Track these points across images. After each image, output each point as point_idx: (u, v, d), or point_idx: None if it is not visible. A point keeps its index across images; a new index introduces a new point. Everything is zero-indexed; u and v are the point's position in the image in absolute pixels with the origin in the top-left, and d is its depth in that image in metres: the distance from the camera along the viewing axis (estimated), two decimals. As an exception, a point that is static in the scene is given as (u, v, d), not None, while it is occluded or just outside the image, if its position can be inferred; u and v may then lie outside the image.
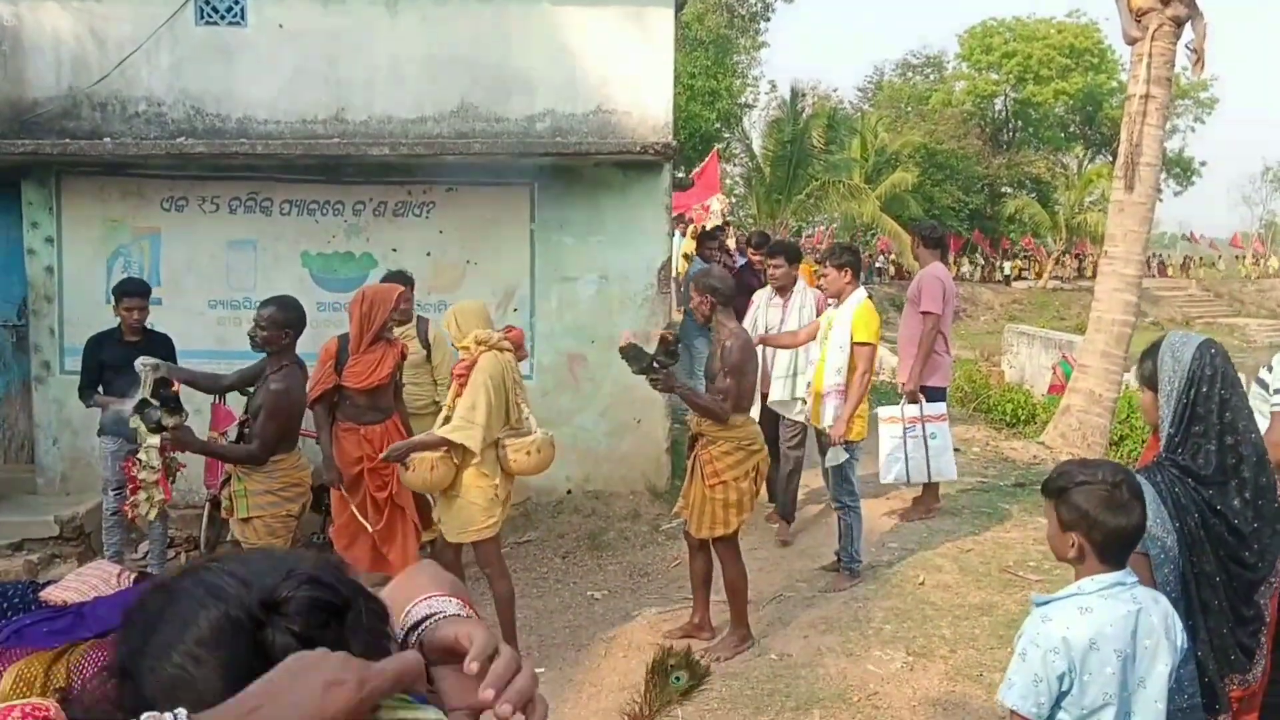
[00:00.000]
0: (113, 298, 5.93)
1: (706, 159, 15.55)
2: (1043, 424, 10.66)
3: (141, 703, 0.84)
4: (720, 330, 4.81)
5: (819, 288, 6.23)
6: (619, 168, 7.10)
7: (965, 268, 34.43)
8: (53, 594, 5.19)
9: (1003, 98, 42.74)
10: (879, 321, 5.51)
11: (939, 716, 4.28)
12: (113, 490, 5.99)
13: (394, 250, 7.05)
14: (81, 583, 5.15)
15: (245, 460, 4.54)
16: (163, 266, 7.10)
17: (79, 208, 7.07)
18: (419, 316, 6.05)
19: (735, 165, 31.02)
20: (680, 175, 11.82)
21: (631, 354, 4.71)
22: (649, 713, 4.05)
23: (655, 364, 4.64)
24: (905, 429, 6.16)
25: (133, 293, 5.83)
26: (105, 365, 5.77)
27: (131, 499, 5.17)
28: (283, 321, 4.55)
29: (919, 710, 4.33)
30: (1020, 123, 43.29)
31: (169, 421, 4.28)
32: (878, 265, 31.98)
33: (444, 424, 4.82)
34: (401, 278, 5.90)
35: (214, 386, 5.08)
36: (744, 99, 25.77)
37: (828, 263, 5.63)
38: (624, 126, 7.06)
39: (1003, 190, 39.58)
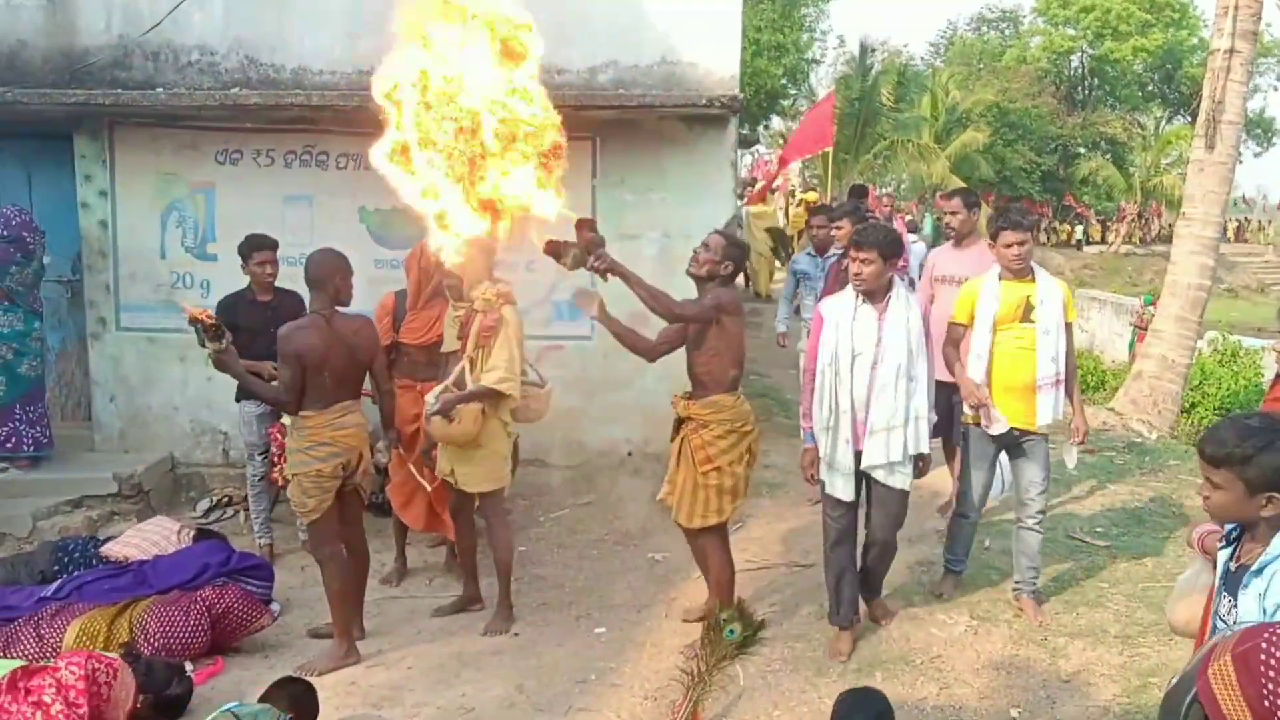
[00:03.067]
0: (240, 256, 5.91)
1: (820, 101, 13.65)
2: (1113, 391, 10.49)
3: None
4: (709, 291, 4.60)
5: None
6: (683, 121, 7.00)
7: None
8: (113, 550, 5.32)
9: (1079, 54, 41.59)
10: None
11: (1002, 680, 4.28)
12: (258, 454, 6.03)
13: (452, 206, 7.01)
14: (142, 539, 5.29)
15: (274, 400, 4.79)
16: (218, 222, 7.17)
17: (132, 160, 7.15)
18: None
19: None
20: (744, 132, 11.54)
21: (557, 250, 4.36)
22: (706, 668, 4.06)
23: (588, 249, 4.34)
24: None
25: (263, 245, 5.83)
26: (240, 328, 5.64)
27: (279, 466, 5.26)
28: (309, 277, 4.67)
29: (982, 673, 4.33)
30: (1097, 81, 42.13)
31: (210, 347, 4.35)
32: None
33: (467, 376, 4.99)
34: None
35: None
36: (811, 54, 25.29)
37: (1020, 230, 4.67)
38: (689, 78, 6.94)
39: (1077, 151, 38.58)
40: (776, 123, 26.39)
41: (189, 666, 4.69)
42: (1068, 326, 4.70)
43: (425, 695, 4.47)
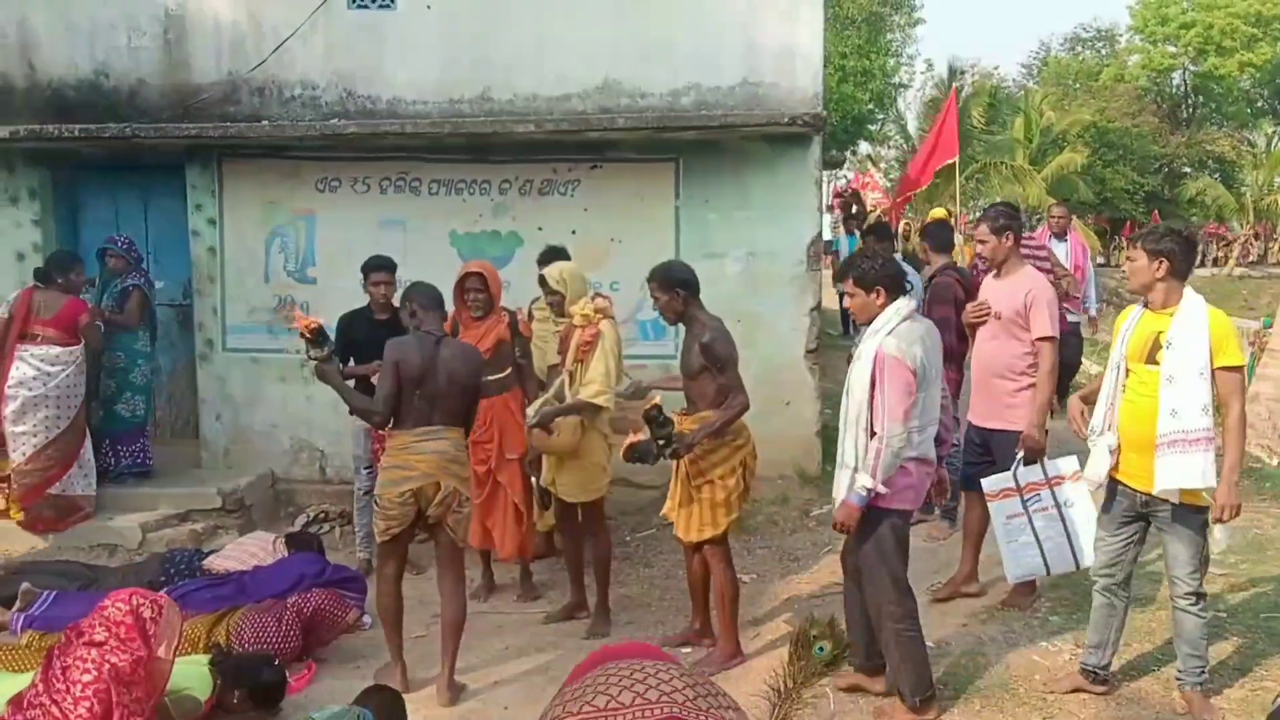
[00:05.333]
0: (361, 274, 6.12)
1: (944, 106, 11.89)
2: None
3: None
4: (693, 324, 4.65)
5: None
6: (766, 141, 6.98)
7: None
8: (215, 562, 5.50)
9: (1181, 71, 40.20)
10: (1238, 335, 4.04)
11: (1111, 711, 4.04)
12: (364, 468, 6.15)
13: (539, 229, 7.12)
14: (242, 551, 5.47)
15: (363, 411, 4.62)
16: (318, 247, 7.39)
17: (239, 190, 7.43)
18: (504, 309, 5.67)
19: (889, 148, 30.18)
20: (833, 153, 11.32)
21: (640, 454, 4.64)
22: (794, 685, 3.97)
23: (661, 444, 4.53)
24: (1025, 500, 4.63)
25: (379, 267, 6.00)
26: (356, 343, 5.92)
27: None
28: (424, 299, 4.67)
29: (1089, 704, 4.09)
30: (1201, 98, 40.61)
31: (313, 354, 4.44)
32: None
33: (568, 388, 5.11)
34: (557, 253, 5.96)
35: None
36: (898, 79, 25.02)
37: (1139, 245, 3.93)
38: (771, 98, 6.93)
39: (1183, 171, 37.19)
40: (864, 148, 26.10)
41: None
42: (1219, 374, 3.78)
43: (512, 709, 4.47)
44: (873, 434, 3.89)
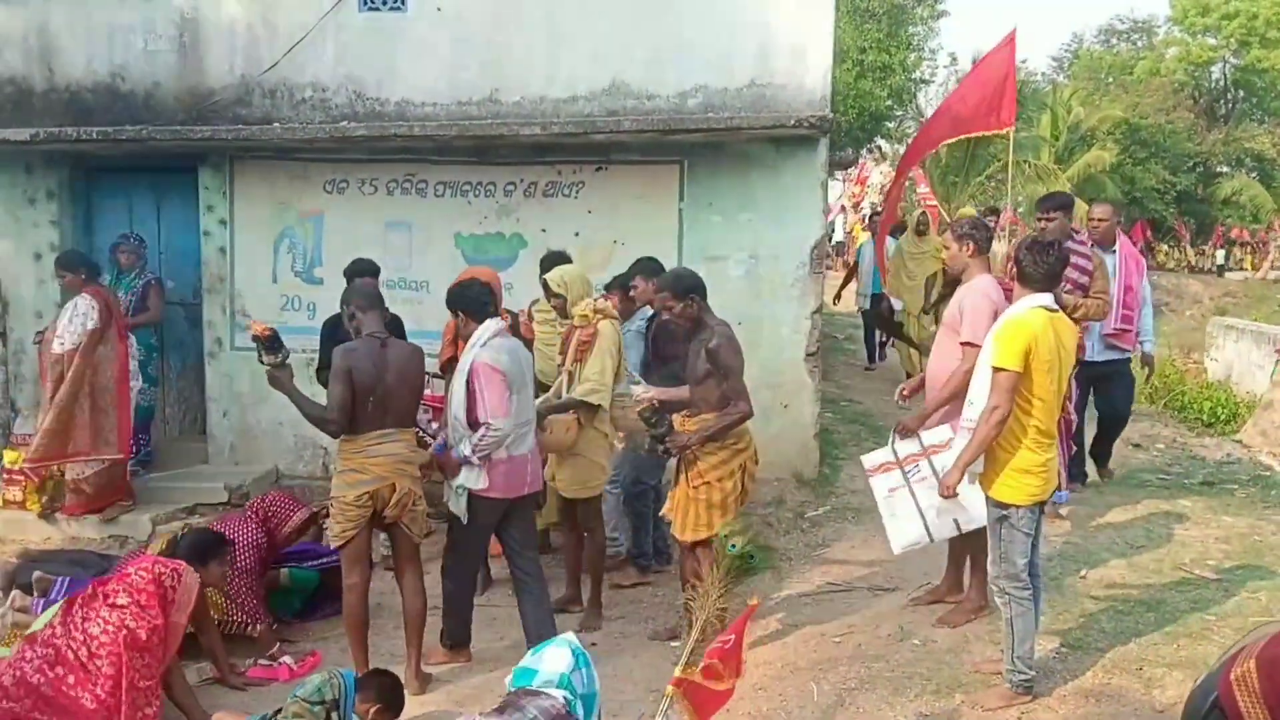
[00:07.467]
0: (344, 279, 6.31)
1: (989, 53, 8.63)
2: (1244, 423, 10.10)
3: None
4: (701, 329, 4.88)
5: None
6: (772, 143, 7.18)
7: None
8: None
9: (1221, 64, 39.81)
10: (1024, 340, 4.05)
11: (1090, 707, 4.23)
12: None
13: (543, 230, 7.39)
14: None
15: (317, 419, 4.66)
16: (325, 247, 7.70)
17: (250, 191, 7.75)
18: (507, 310, 5.92)
19: (907, 146, 29.98)
20: (846, 153, 11.47)
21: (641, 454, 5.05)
22: (709, 584, 4.27)
23: (658, 440, 4.88)
24: (905, 472, 4.85)
25: (362, 272, 6.24)
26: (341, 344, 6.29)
27: None
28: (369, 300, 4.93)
29: (1068, 700, 4.29)
30: (1242, 92, 40.18)
31: (265, 360, 4.63)
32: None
33: (566, 388, 5.39)
34: (561, 257, 6.18)
35: None
36: (919, 74, 24.92)
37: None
38: (778, 100, 7.09)
39: (1218, 169, 36.86)
40: (883, 146, 26.07)
41: (289, 660, 5.13)
42: (994, 371, 4.10)
43: (508, 697, 4.75)
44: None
